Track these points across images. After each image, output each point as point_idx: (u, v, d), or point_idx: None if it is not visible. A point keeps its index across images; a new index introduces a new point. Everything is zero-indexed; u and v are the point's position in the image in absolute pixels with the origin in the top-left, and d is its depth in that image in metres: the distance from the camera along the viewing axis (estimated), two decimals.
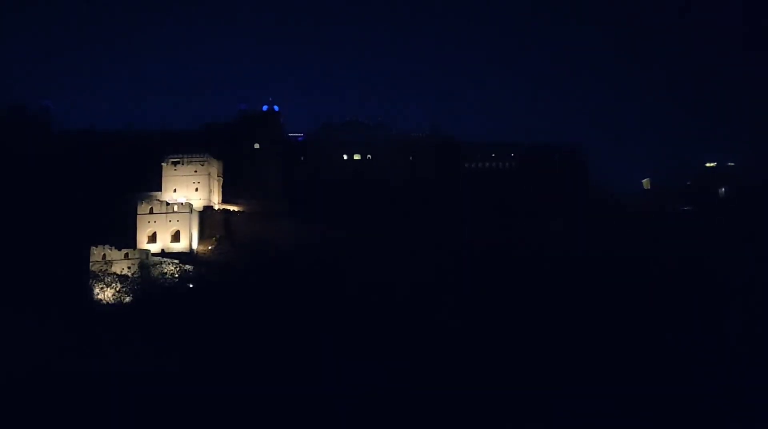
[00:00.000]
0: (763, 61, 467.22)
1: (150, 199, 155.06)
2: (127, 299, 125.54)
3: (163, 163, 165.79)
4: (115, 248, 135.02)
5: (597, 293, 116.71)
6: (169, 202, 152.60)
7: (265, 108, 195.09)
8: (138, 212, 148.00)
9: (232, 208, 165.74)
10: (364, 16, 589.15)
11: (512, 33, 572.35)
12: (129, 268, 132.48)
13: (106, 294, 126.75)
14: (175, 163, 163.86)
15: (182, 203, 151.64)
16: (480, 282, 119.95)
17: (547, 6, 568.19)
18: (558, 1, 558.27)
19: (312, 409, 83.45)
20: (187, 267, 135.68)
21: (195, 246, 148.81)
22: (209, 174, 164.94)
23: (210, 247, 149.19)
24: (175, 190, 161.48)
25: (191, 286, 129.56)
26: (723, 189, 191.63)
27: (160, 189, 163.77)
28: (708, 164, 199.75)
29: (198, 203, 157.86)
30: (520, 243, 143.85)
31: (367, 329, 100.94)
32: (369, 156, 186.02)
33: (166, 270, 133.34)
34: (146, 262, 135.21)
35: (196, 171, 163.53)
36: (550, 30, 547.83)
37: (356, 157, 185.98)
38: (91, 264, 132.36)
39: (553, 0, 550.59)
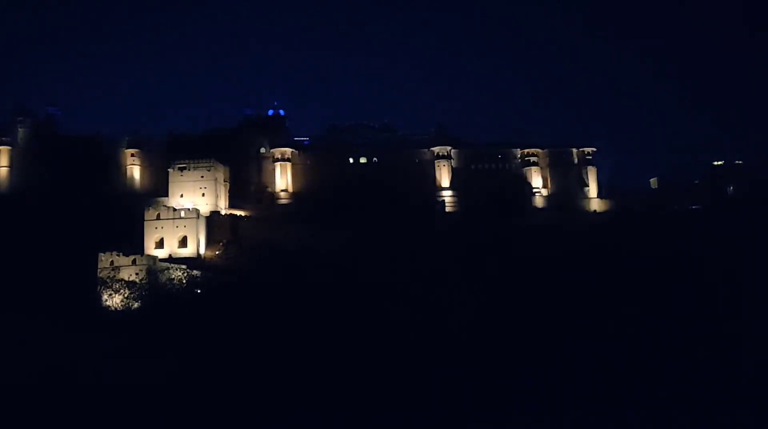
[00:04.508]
0: None
1: (157, 204, 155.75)
2: (136, 305, 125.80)
3: (169, 169, 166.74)
4: (123, 254, 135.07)
5: (605, 292, 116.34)
6: (176, 207, 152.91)
7: (270, 112, 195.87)
8: (145, 218, 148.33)
9: (238, 212, 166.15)
10: (370, 19, 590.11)
11: (518, 33, 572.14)
12: (137, 274, 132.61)
13: (114, 300, 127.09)
14: (181, 169, 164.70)
15: (189, 209, 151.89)
16: (486, 283, 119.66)
17: (553, 6, 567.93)
18: (564, 2, 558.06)
19: (318, 412, 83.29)
20: (195, 272, 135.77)
21: (202, 251, 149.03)
22: (216, 179, 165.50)
23: (217, 252, 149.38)
24: (181, 196, 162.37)
25: (199, 291, 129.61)
26: (731, 187, 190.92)
27: (166, 194, 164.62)
28: (715, 163, 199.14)
29: (205, 208, 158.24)
30: (527, 242, 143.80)
31: (373, 333, 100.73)
32: (375, 159, 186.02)
33: (173, 276, 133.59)
34: (154, 267, 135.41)
35: (202, 176, 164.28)
36: (557, 30, 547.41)
37: (362, 160, 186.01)
38: (99, 270, 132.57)
39: (561, 2, 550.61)
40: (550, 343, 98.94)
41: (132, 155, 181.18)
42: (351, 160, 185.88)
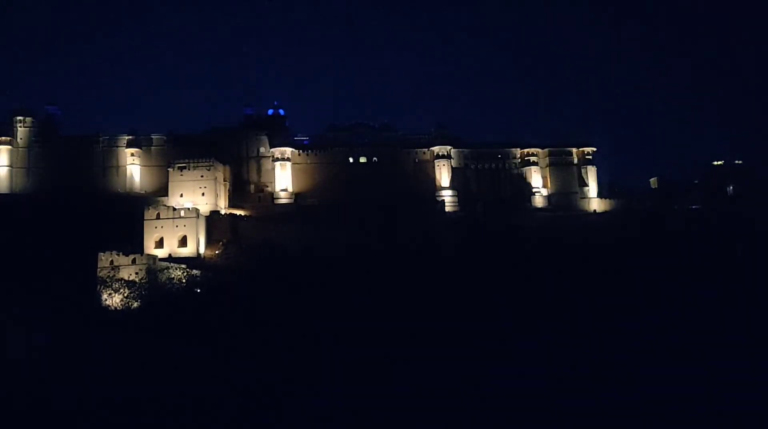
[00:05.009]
0: None
1: (157, 204, 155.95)
2: (135, 305, 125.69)
3: (169, 169, 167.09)
4: (123, 254, 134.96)
5: (605, 291, 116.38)
6: (176, 207, 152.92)
7: (270, 112, 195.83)
8: (145, 218, 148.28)
9: (238, 212, 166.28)
10: (370, 18, 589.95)
11: (518, 33, 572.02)
12: (136, 273, 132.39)
13: (114, 300, 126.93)
14: (181, 168, 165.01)
15: (189, 208, 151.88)
16: (486, 282, 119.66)
17: (553, 6, 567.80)
18: (565, 2, 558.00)
19: (315, 412, 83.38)
20: (195, 272, 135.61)
21: (202, 251, 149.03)
22: (216, 179, 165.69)
23: (217, 252, 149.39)
24: (181, 195, 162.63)
25: (199, 291, 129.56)
26: (731, 187, 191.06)
27: (166, 194, 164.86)
28: (715, 163, 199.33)
29: (205, 208, 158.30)
30: (527, 242, 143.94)
31: (373, 333, 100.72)
32: (375, 159, 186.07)
33: (173, 275, 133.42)
34: (153, 267, 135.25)
35: (202, 176, 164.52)
36: (557, 30, 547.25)
37: (362, 160, 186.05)
38: (98, 270, 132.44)
39: (561, 2, 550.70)
40: (550, 343, 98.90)
41: (132, 155, 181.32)
42: (351, 160, 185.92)
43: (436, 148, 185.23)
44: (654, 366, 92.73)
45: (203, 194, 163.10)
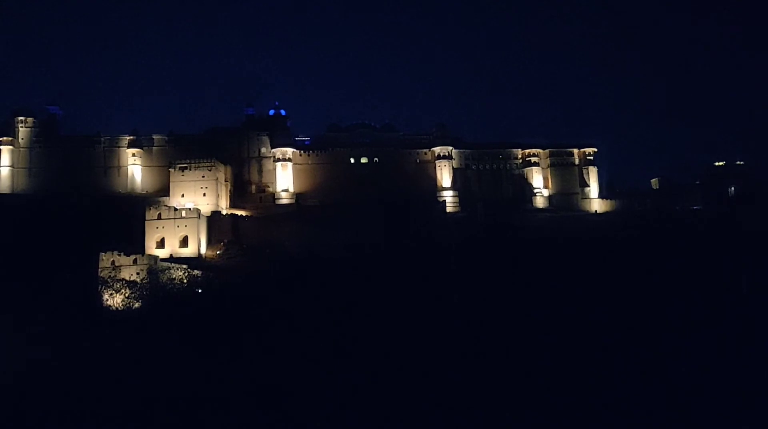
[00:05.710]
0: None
1: (158, 204, 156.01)
2: (137, 305, 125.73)
3: (170, 169, 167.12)
4: (124, 254, 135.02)
5: (605, 293, 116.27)
6: (177, 207, 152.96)
7: (271, 112, 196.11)
8: (146, 218, 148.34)
9: (240, 212, 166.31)
10: (370, 19, 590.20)
11: (519, 33, 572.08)
12: (138, 273, 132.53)
13: (115, 300, 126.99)
14: (182, 169, 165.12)
15: (190, 208, 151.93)
16: (487, 283, 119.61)
17: (554, 6, 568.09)
18: (567, 3, 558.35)
19: (315, 412, 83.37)
20: (196, 272, 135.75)
21: (203, 251, 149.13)
22: (217, 179, 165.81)
23: (218, 252, 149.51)
24: (182, 196, 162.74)
25: (200, 291, 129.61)
26: (732, 187, 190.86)
27: (168, 194, 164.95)
28: (717, 163, 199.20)
29: (206, 208, 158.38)
30: (527, 242, 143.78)
31: (373, 333, 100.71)
32: (376, 159, 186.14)
33: (174, 275, 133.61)
34: (155, 267, 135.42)
35: (203, 176, 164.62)
36: (558, 30, 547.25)
37: (363, 160, 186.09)
38: (99, 270, 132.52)
39: (562, 2, 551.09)
40: (550, 344, 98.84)
41: (133, 155, 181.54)
42: (352, 160, 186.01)
43: (437, 149, 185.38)
44: (654, 366, 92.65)
45: (204, 194, 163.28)
